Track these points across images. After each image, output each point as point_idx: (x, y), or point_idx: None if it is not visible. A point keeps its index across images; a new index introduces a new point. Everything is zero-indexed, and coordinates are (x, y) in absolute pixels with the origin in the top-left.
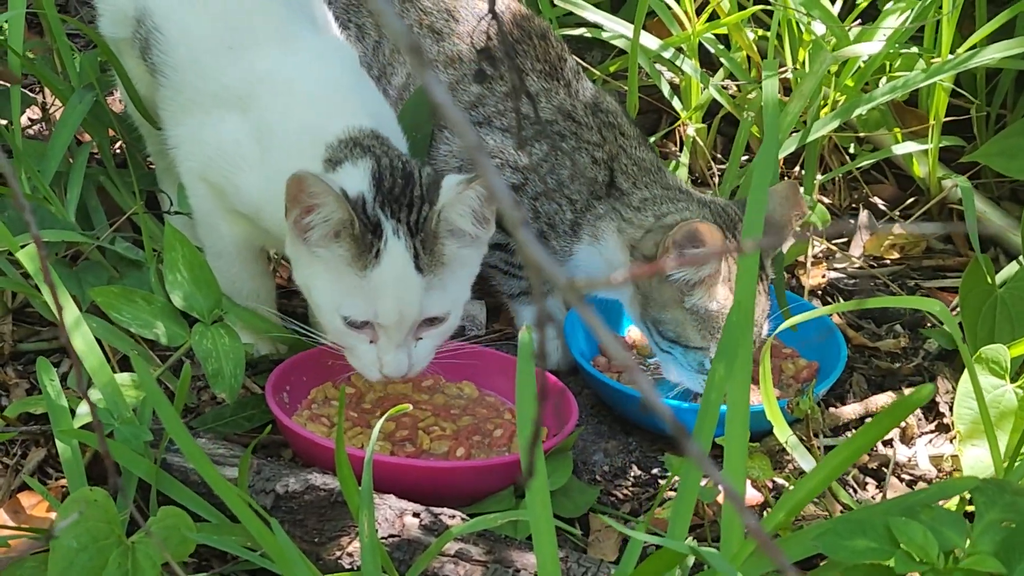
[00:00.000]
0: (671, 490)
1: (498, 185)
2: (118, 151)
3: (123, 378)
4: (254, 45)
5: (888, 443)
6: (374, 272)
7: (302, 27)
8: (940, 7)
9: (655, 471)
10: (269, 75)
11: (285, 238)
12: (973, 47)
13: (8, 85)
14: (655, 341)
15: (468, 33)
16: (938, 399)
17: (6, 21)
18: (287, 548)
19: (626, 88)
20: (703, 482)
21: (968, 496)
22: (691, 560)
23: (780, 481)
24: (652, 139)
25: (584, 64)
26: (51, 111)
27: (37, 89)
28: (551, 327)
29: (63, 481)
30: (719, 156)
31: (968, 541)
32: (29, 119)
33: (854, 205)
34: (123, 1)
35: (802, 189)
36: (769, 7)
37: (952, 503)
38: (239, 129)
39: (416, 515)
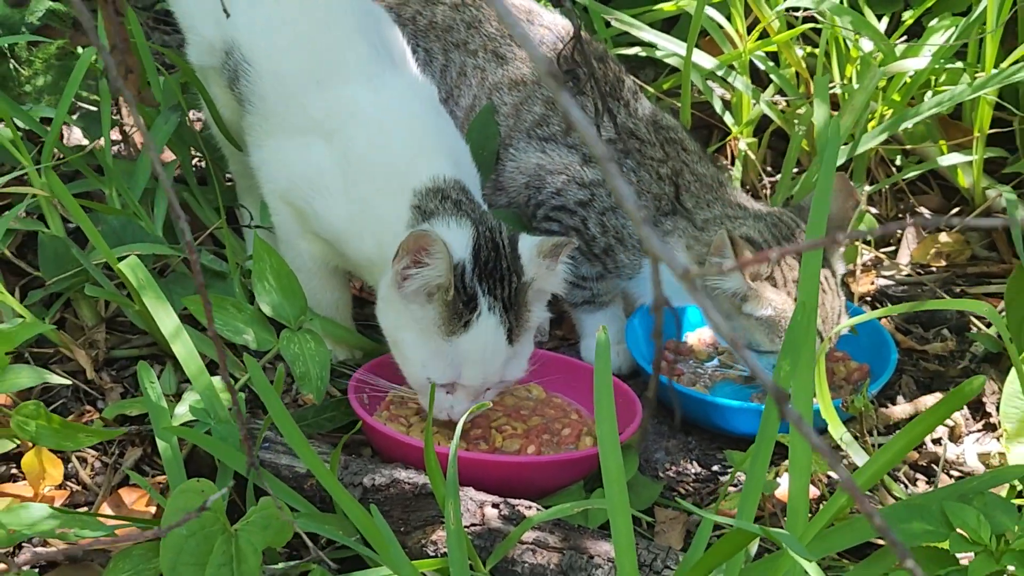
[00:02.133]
0: (732, 486)
1: (583, 125)
2: (194, 168)
3: (218, 382)
4: (341, 81)
5: (937, 441)
6: (461, 339)
7: (385, 64)
8: (984, 23)
9: (715, 468)
10: (355, 111)
11: (362, 265)
12: (1016, 62)
13: (93, 107)
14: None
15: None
16: (985, 399)
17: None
18: (384, 531)
19: (679, 105)
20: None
21: (1019, 487)
22: (753, 550)
23: (835, 476)
24: None
25: (638, 82)
26: (131, 133)
27: (115, 113)
28: (613, 331)
29: (160, 477)
30: (769, 169)
31: (1018, 526)
32: (110, 141)
33: (900, 215)
34: (211, 34)
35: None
36: (818, 26)
37: (1003, 492)
38: (323, 157)
39: (495, 506)
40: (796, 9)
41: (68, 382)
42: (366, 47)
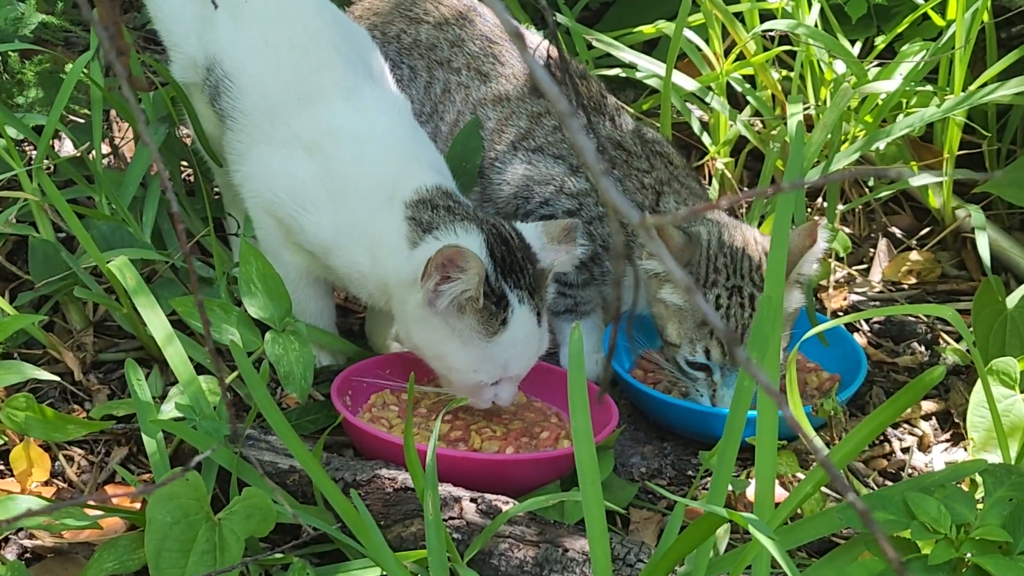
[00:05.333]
0: (703, 488)
1: (547, 83)
2: (183, 180)
3: (205, 381)
4: (321, 98)
5: (906, 450)
6: (502, 338)
7: (364, 81)
8: (953, 47)
9: (689, 473)
10: (336, 128)
11: (350, 277)
12: (984, 84)
13: (83, 119)
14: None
15: (513, 74)
16: (952, 411)
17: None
18: (367, 520)
19: (659, 125)
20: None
21: (978, 480)
22: (722, 547)
23: (804, 478)
24: None
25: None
26: (120, 145)
27: (105, 126)
28: (589, 339)
29: (145, 476)
30: (745, 188)
31: (976, 517)
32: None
33: (873, 234)
34: (193, 50)
35: (824, 220)
36: (793, 48)
37: (963, 487)
38: (306, 170)
39: (473, 500)
40: (772, 33)
41: (55, 379)
42: (345, 64)
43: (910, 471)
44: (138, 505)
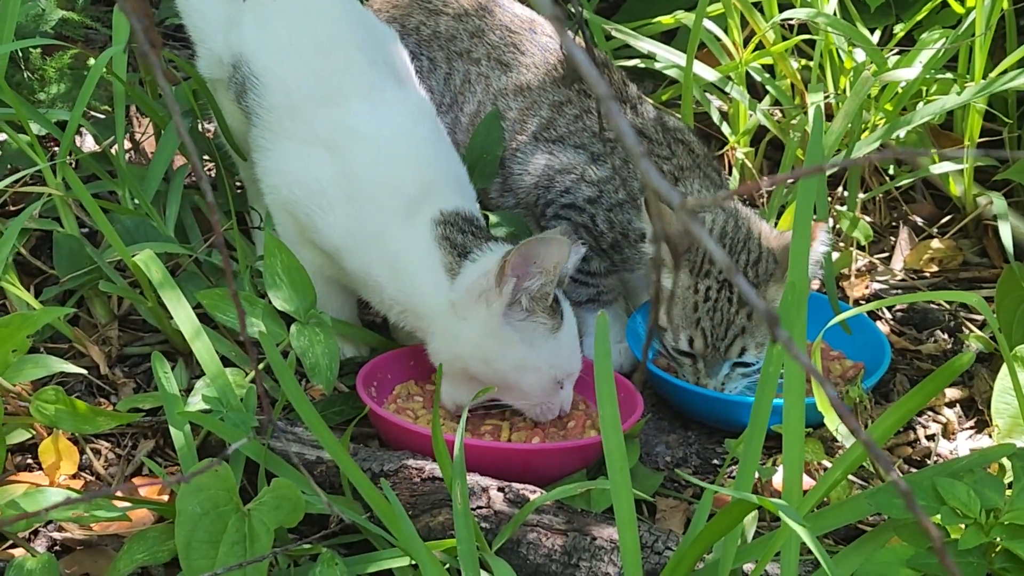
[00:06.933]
0: (729, 476)
1: (585, 65)
2: (209, 175)
3: (231, 373)
4: (342, 97)
5: (931, 437)
6: (563, 331)
7: (386, 81)
8: (973, 34)
9: (714, 461)
10: (353, 127)
11: (363, 280)
12: (1004, 71)
13: (103, 115)
14: None
15: (534, 64)
16: (976, 398)
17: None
18: (397, 508)
19: (679, 116)
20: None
21: (1006, 465)
22: (750, 535)
23: (829, 465)
24: None
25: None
26: (140, 141)
27: (125, 122)
28: (615, 329)
29: (171, 469)
30: (766, 178)
31: (1005, 502)
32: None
33: (894, 223)
34: (219, 48)
35: (824, 225)
36: (812, 37)
37: (991, 471)
38: (324, 169)
39: (501, 490)
40: (791, 22)
41: (83, 372)
42: (367, 64)
43: (935, 458)
44: (166, 497)
